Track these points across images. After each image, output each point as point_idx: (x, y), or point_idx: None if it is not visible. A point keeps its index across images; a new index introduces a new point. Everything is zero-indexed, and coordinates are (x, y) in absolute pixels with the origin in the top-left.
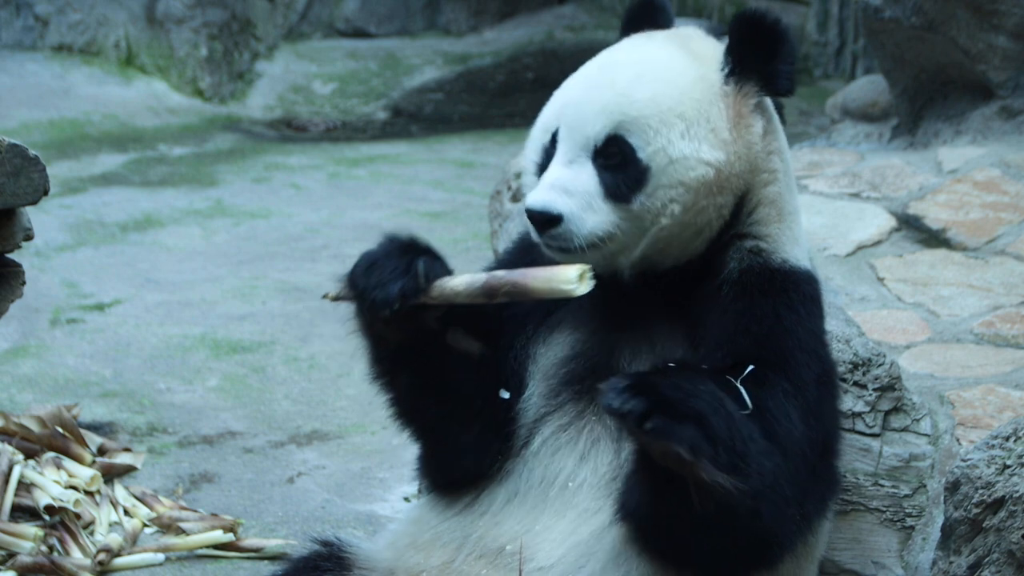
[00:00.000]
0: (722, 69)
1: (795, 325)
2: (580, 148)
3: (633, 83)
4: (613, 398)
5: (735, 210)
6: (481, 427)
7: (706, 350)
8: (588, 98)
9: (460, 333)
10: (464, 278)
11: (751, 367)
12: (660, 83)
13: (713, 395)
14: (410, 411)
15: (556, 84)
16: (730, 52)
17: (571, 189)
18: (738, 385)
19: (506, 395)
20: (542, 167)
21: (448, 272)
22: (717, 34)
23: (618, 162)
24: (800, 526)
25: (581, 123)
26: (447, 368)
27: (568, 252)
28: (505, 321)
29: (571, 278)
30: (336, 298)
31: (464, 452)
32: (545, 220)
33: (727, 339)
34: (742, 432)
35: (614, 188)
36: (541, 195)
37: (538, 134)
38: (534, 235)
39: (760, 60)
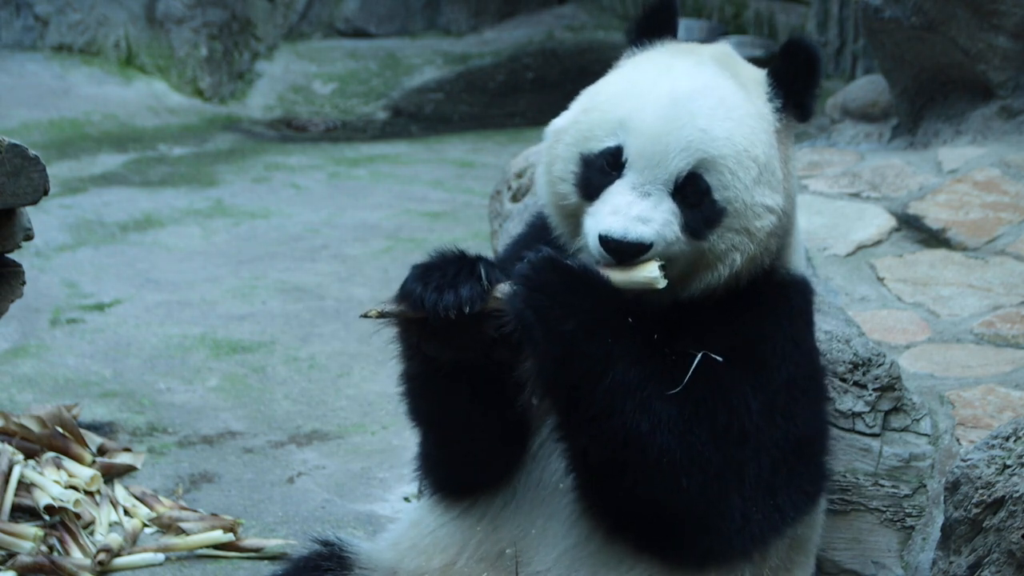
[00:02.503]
0: (770, 100)
1: (775, 332)
2: (660, 182)
3: (711, 120)
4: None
5: (777, 249)
6: (508, 436)
7: (684, 343)
8: (668, 131)
9: (503, 345)
10: None
11: (718, 358)
12: (733, 121)
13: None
14: (438, 424)
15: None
16: (778, 82)
17: (655, 219)
18: (695, 354)
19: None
20: (586, 181)
21: (505, 278)
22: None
23: (695, 200)
24: (773, 519)
25: (663, 158)
26: (485, 382)
27: None
28: None
29: (654, 271)
30: (381, 315)
31: (486, 460)
32: (635, 251)
33: (706, 340)
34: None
35: (692, 225)
36: (627, 225)
37: (572, 138)
38: (599, 254)
39: (801, 91)
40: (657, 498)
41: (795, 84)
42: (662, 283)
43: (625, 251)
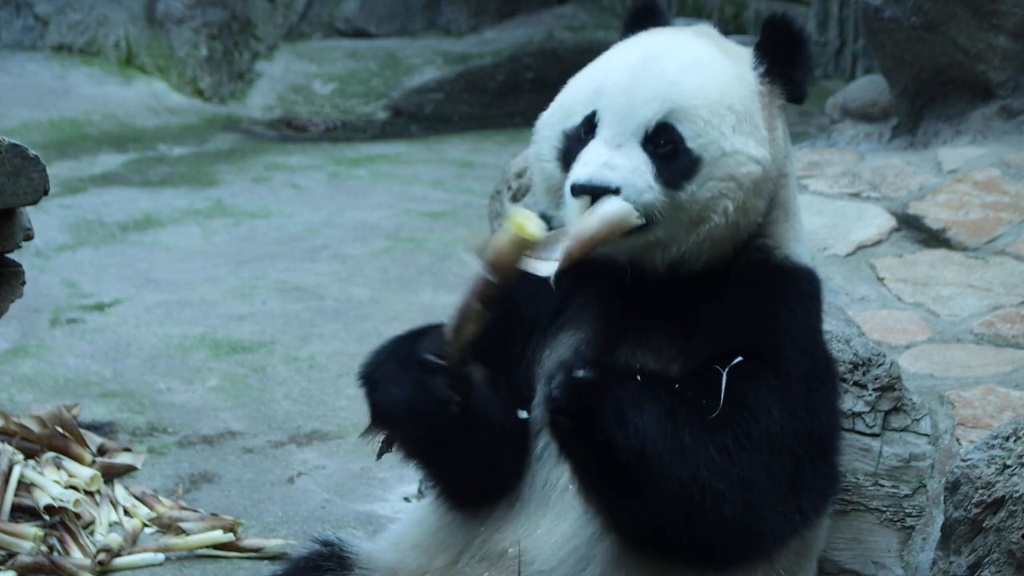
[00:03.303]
0: (755, 68)
1: (788, 322)
2: (629, 133)
3: (681, 73)
4: (557, 392)
5: (763, 214)
6: (500, 449)
7: (699, 345)
8: (636, 85)
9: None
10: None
11: (738, 359)
12: (706, 75)
13: (658, 413)
14: (431, 457)
15: (556, 84)
16: (763, 53)
17: (624, 166)
18: (722, 371)
19: (524, 415)
20: (567, 153)
21: (445, 335)
22: (721, 33)
23: (669, 151)
24: (793, 519)
25: (631, 109)
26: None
27: None
28: (515, 328)
29: (621, 203)
30: (388, 450)
31: (487, 468)
32: (601, 195)
33: (720, 334)
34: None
35: (666, 174)
36: (593, 170)
37: (555, 119)
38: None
39: (787, 65)
40: (702, 528)
41: (778, 56)
42: (634, 215)
43: (591, 195)
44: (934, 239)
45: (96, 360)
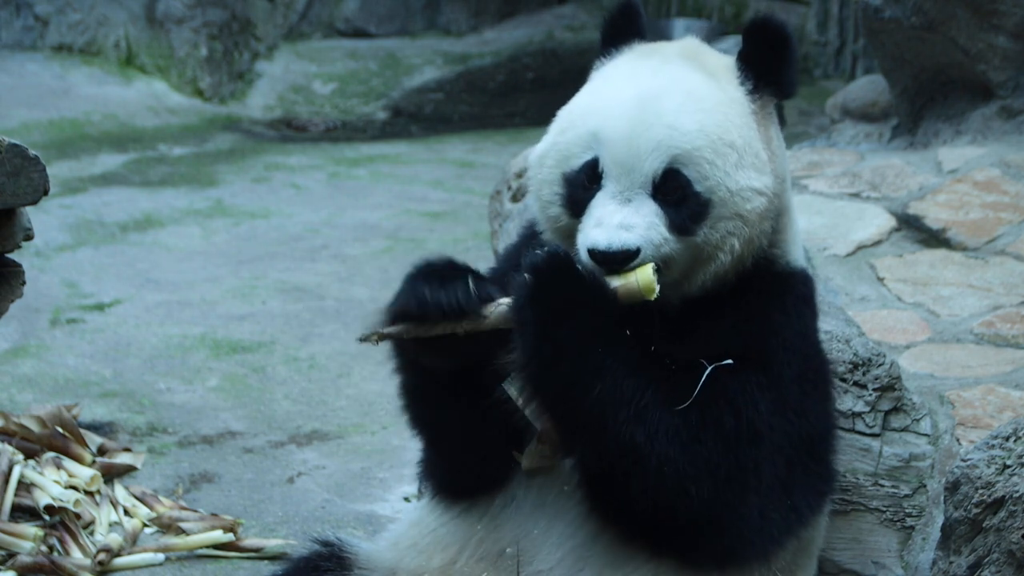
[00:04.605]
0: (742, 84)
1: (783, 325)
2: (638, 186)
3: (679, 115)
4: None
5: (771, 232)
6: (510, 438)
7: (692, 347)
8: (637, 133)
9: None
10: None
11: (729, 360)
12: (703, 112)
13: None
14: (440, 431)
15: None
16: (747, 65)
17: (638, 224)
18: (703, 364)
19: None
20: (572, 199)
21: (494, 295)
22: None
23: (678, 197)
24: (788, 518)
25: (635, 160)
26: (484, 389)
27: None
28: None
29: (649, 280)
30: (381, 338)
31: (489, 463)
32: (623, 259)
33: (716, 337)
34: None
35: (678, 222)
36: (611, 235)
37: (552, 161)
38: (593, 269)
39: (773, 69)
40: (666, 506)
41: (764, 62)
42: (654, 293)
43: (613, 260)
44: (934, 239)
45: (96, 360)
